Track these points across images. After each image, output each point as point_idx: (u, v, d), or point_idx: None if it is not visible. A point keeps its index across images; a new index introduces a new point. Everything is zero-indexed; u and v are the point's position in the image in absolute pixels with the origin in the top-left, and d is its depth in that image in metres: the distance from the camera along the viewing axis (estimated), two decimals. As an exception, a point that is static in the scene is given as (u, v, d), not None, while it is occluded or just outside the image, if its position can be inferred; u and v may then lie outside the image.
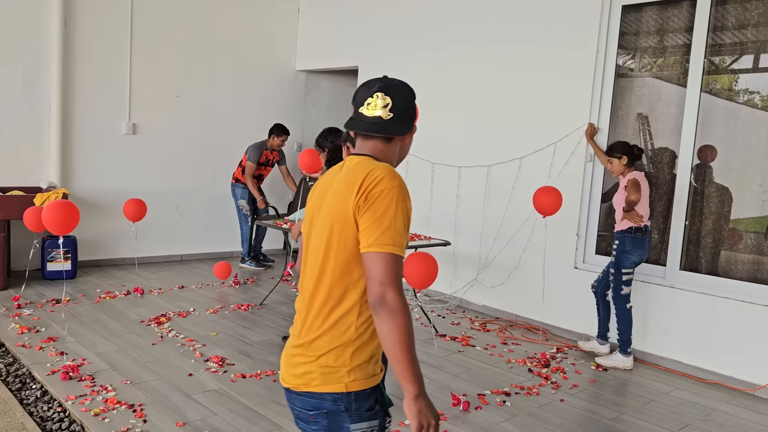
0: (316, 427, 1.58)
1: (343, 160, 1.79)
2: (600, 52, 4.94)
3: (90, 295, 5.48)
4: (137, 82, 6.65)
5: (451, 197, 5.98)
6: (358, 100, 1.69)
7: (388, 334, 1.45)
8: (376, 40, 6.79)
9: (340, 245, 1.56)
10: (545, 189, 4.59)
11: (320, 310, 1.58)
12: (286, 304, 5.59)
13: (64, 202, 3.98)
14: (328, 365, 1.56)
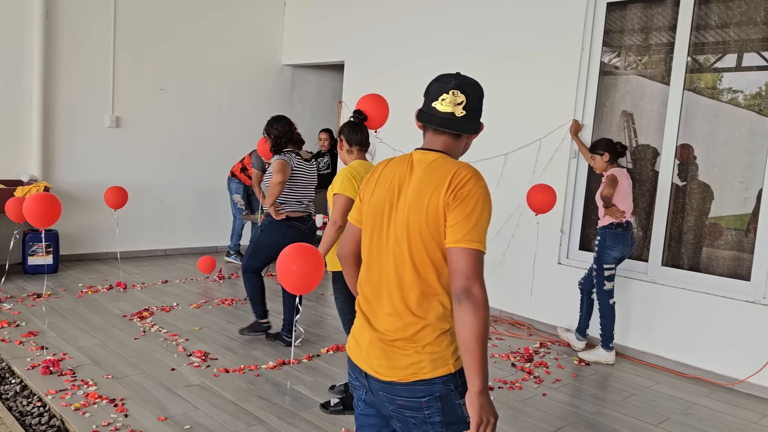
0: (429, 411, 1.64)
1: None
2: (585, 49, 4.96)
3: (71, 289, 5.42)
4: (121, 74, 6.58)
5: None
6: (431, 94, 1.74)
7: (468, 325, 1.52)
8: (362, 34, 6.78)
9: (430, 240, 1.62)
10: (540, 186, 4.60)
11: (422, 303, 1.64)
12: (270, 299, 5.56)
13: (46, 194, 3.93)
14: (435, 352, 1.63)
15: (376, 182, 1.76)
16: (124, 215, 6.46)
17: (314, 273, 2.83)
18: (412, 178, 1.68)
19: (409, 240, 1.64)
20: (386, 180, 1.73)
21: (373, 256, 1.73)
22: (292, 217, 4.24)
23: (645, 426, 3.51)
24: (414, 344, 1.63)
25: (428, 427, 1.65)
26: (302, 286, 2.85)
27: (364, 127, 3.43)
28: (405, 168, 1.71)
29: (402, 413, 1.67)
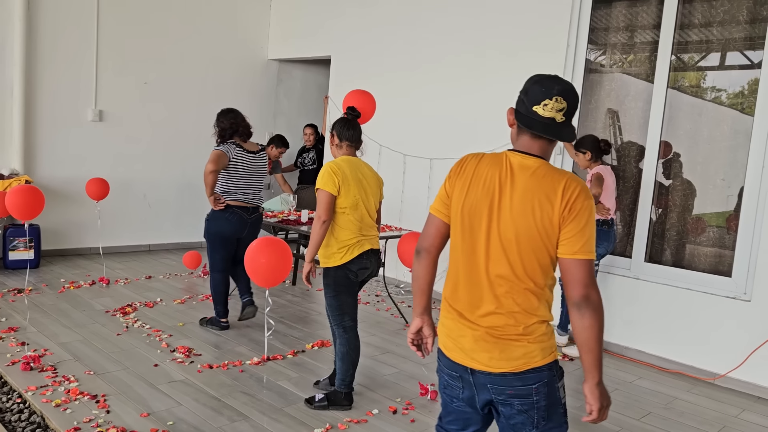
0: (537, 397, 1.77)
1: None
2: (570, 47, 4.98)
3: (53, 284, 5.36)
4: (104, 67, 6.50)
5: (422, 189, 5.99)
6: (532, 98, 1.75)
7: (589, 328, 1.69)
8: (349, 30, 6.75)
9: (541, 246, 1.71)
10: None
11: (532, 300, 1.75)
12: (254, 294, 5.53)
13: (28, 186, 3.88)
14: (543, 342, 1.77)
15: (470, 180, 1.79)
16: (107, 210, 6.40)
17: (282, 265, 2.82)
18: (516, 184, 1.73)
19: (518, 245, 1.72)
20: (482, 180, 1.77)
21: (468, 255, 1.78)
22: (233, 205, 4.31)
23: (627, 420, 3.54)
24: (527, 336, 1.75)
25: (533, 411, 1.78)
26: (270, 278, 2.84)
27: (357, 124, 3.40)
28: (504, 171, 1.76)
29: (510, 402, 1.78)
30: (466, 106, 5.66)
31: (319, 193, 3.18)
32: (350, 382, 3.36)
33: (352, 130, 3.35)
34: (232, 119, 4.35)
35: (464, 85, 5.67)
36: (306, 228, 4.89)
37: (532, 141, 1.78)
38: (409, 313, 5.34)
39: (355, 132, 3.36)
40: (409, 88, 6.09)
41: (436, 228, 1.87)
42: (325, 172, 3.18)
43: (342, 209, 3.19)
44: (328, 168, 3.19)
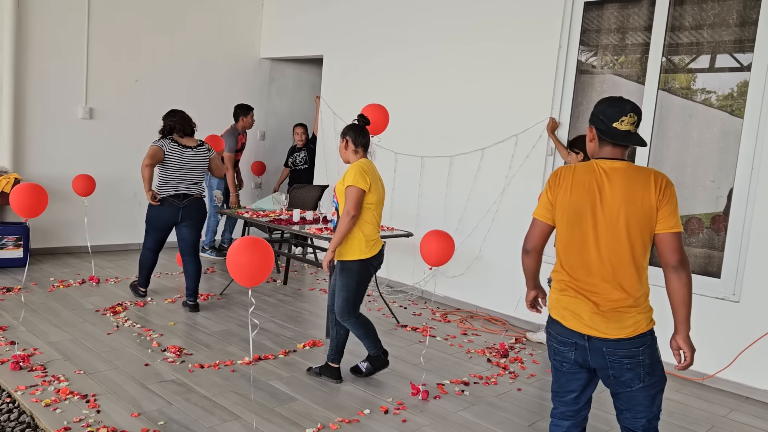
0: (643, 356, 2.22)
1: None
2: (562, 48, 5.00)
3: (43, 283, 5.32)
4: (95, 64, 6.46)
5: (413, 188, 6.00)
6: (611, 117, 2.21)
7: (686, 286, 2.19)
8: (341, 29, 6.75)
9: (645, 228, 2.17)
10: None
11: (639, 276, 2.21)
12: (245, 293, 5.53)
13: (33, 185, 3.96)
14: (647, 311, 2.25)
15: (570, 186, 2.23)
16: (97, 208, 6.36)
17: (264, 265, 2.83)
18: (614, 182, 2.18)
19: (628, 230, 2.16)
20: (581, 185, 2.22)
21: (575, 246, 2.23)
22: (167, 197, 4.82)
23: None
24: (636, 308, 2.21)
25: (639, 368, 2.22)
26: (253, 277, 2.85)
27: (367, 130, 3.67)
28: (599, 175, 2.20)
29: (621, 361, 2.21)
30: (457, 105, 5.67)
31: (350, 189, 3.43)
32: (381, 345, 3.75)
33: (365, 137, 3.64)
34: (172, 117, 4.91)
35: (456, 84, 5.69)
36: (297, 228, 4.88)
37: (614, 149, 2.23)
38: (400, 312, 5.34)
39: (366, 138, 3.66)
40: (400, 88, 6.10)
41: (540, 230, 2.34)
42: (357, 171, 3.45)
43: (369, 205, 3.49)
44: (359, 168, 3.47)
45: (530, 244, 2.37)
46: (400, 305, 5.58)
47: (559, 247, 2.30)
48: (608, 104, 2.24)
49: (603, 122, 2.23)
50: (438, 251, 3.67)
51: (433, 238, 3.68)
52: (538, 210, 2.35)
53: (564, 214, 2.24)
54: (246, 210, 5.44)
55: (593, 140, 2.28)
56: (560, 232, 2.28)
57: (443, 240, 3.68)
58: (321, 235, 4.57)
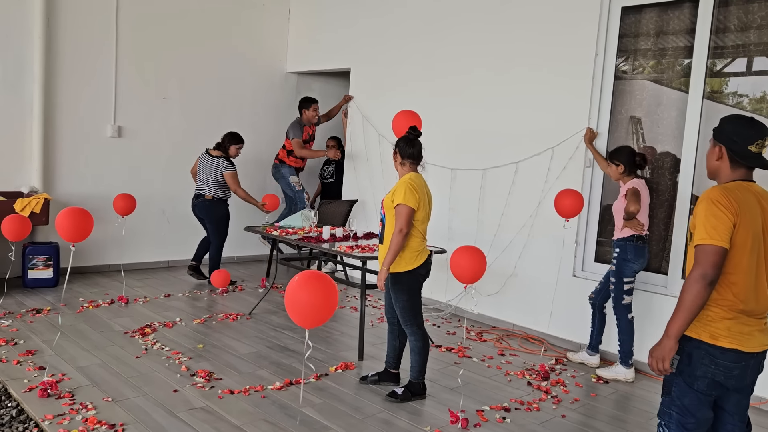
0: None
1: None
2: (599, 55, 4.81)
3: (72, 304, 5.28)
4: (123, 83, 6.46)
5: (443, 201, 5.83)
6: (746, 139, 2.22)
7: None
8: (368, 40, 6.65)
9: None
10: (566, 192, 4.45)
11: None
12: (276, 313, 5.42)
13: (79, 209, 3.98)
14: None
15: (748, 210, 2.18)
16: (125, 226, 6.32)
17: (327, 304, 2.63)
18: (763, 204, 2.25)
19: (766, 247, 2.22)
20: (749, 207, 2.19)
21: (752, 268, 2.20)
22: None
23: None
24: None
25: (757, 376, 2.31)
26: (311, 318, 2.65)
27: (418, 142, 3.68)
28: (758, 197, 2.24)
29: (756, 371, 2.29)
30: (489, 116, 5.51)
31: (401, 207, 3.49)
32: (425, 373, 3.74)
33: (413, 148, 3.65)
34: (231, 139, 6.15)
35: (488, 95, 5.52)
36: (327, 245, 4.75)
37: (748, 171, 2.28)
38: (434, 332, 5.17)
39: (416, 149, 3.67)
40: (429, 100, 5.96)
41: (723, 257, 2.16)
42: (407, 188, 3.50)
43: (416, 220, 3.55)
44: (408, 184, 3.52)
45: (714, 273, 2.14)
46: (433, 324, 5.40)
47: (737, 272, 2.20)
48: (743, 125, 2.24)
49: (736, 143, 2.22)
50: (470, 268, 3.50)
51: (464, 254, 3.50)
52: (722, 234, 2.14)
53: (747, 238, 2.18)
54: (274, 227, 5.34)
55: (721, 159, 2.28)
56: (738, 256, 2.19)
57: (474, 255, 3.50)
58: (352, 253, 4.43)
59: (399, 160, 3.67)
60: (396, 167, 3.72)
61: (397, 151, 3.67)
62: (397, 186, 3.55)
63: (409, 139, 3.66)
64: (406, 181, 3.55)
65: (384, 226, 3.65)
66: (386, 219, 3.62)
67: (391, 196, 3.56)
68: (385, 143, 6.39)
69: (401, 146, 3.65)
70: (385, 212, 3.62)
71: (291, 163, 6.92)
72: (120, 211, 5.38)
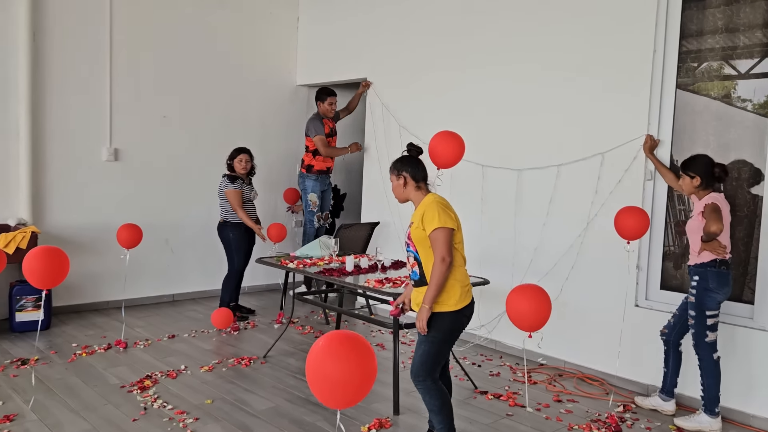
0: None
1: None
2: (657, 51, 4.19)
3: (64, 351, 4.66)
4: (119, 101, 5.90)
5: (474, 213, 5.20)
6: None
7: None
8: (387, 47, 6.06)
9: None
10: (629, 210, 3.83)
11: None
12: (294, 354, 4.78)
13: (50, 249, 3.43)
14: None
15: None
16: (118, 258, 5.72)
17: (363, 381, 2.00)
18: None
19: None
20: None
21: None
22: None
23: None
24: None
25: None
26: (344, 397, 2.00)
27: (421, 159, 3.16)
28: None
29: None
30: (526, 122, 4.89)
31: (439, 233, 2.88)
32: (453, 425, 3.05)
33: (424, 169, 3.10)
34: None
35: (519, 102, 4.91)
36: (351, 279, 4.13)
37: None
38: (474, 372, 4.51)
39: (424, 168, 3.11)
40: (458, 106, 5.36)
41: None
42: (438, 208, 2.92)
43: (456, 245, 2.97)
44: (438, 204, 2.96)
45: None
46: (472, 362, 4.75)
47: None
48: None
49: None
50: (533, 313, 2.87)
51: (525, 297, 2.87)
52: None
53: None
54: (290, 259, 4.72)
55: None
56: None
57: (537, 299, 2.87)
58: (382, 289, 3.79)
59: (413, 185, 3.06)
60: (405, 194, 3.09)
61: (407, 176, 3.06)
62: (425, 210, 2.94)
63: (416, 160, 3.11)
64: (432, 201, 2.97)
65: (420, 264, 2.97)
66: (421, 254, 2.96)
67: (420, 224, 2.93)
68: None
69: (412, 170, 3.06)
70: (417, 246, 2.97)
71: (319, 166, 6.34)
72: (125, 244, 4.79)
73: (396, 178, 3.08)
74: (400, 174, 3.07)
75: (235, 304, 5.78)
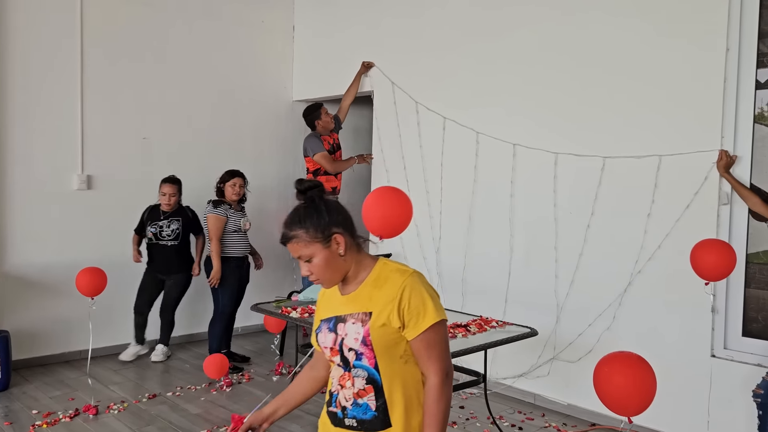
0: None
1: None
2: (731, 51, 3.51)
3: (21, 421, 3.88)
4: (92, 122, 5.18)
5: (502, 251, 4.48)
6: None
7: None
8: (393, 56, 5.37)
9: None
10: (710, 244, 3.11)
11: None
12: (299, 419, 4.00)
13: None
14: None
15: None
16: (100, 301, 4.93)
17: None
18: None
19: None
20: None
21: None
22: None
23: None
24: None
25: None
26: None
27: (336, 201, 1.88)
28: None
29: None
30: (558, 139, 4.20)
31: (437, 330, 1.69)
32: None
33: (342, 212, 1.78)
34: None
35: (552, 115, 4.22)
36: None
37: None
38: (518, 438, 3.75)
39: (346, 212, 1.80)
40: (484, 124, 4.66)
41: None
42: (425, 287, 1.72)
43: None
44: (420, 276, 1.74)
45: None
46: (511, 424, 3.99)
47: None
48: None
49: None
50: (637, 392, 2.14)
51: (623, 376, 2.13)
52: None
53: None
54: (293, 306, 3.96)
55: None
56: None
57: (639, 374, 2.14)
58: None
59: (354, 248, 1.77)
60: (343, 269, 1.75)
61: (341, 235, 1.73)
62: (401, 290, 1.68)
63: (333, 204, 1.77)
64: (406, 274, 1.72)
65: (381, 389, 1.70)
66: (384, 371, 1.70)
67: (396, 316, 1.67)
68: (433, 183, 5.06)
69: (345, 222, 1.75)
70: (379, 357, 1.70)
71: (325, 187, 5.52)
72: (85, 292, 3.98)
73: (324, 246, 1.69)
74: (330, 235, 1.70)
75: (227, 352, 5.01)
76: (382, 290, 1.71)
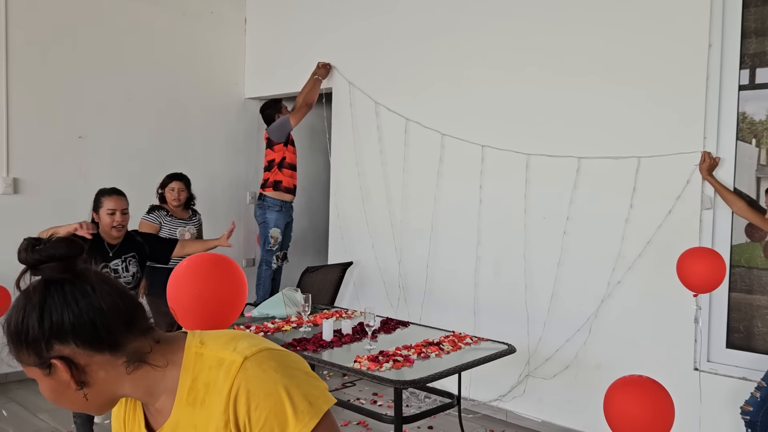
0: None
1: None
2: (714, 47, 3.33)
3: (-71, 461, 3.38)
4: (19, 119, 4.67)
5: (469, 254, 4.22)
6: None
7: None
8: (357, 52, 5.05)
9: None
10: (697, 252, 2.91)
11: None
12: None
13: None
14: None
15: None
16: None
17: None
18: None
19: None
20: None
21: None
22: None
23: None
24: None
25: None
26: None
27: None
28: None
29: None
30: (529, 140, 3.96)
31: None
32: None
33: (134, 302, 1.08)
34: None
35: (524, 114, 3.98)
36: (329, 353, 3.04)
37: None
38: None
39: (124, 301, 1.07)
40: (450, 125, 4.39)
41: None
42: (289, 377, 1.00)
43: None
44: (281, 369, 1.01)
45: None
46: (484, 446, 3.72)
47: None
48: None
49: None
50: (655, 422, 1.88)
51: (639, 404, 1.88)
52: None
53: None
54: (246, 323, 3.58)
55: None
56: None
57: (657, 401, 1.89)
58: (381, 373, 2.71)
59: (67, 374, 0.98)
60: (65, 396, 1.01)
61: (63, 363, 0.97)
62: (233, 402, 0.96)
63: (72, 294, 1.01)
64: (235, 370, 0.97)
65: None
66: None
67: (260, 422, 0.95)
68: (394, 190, 4.76)
69: (76, 327, 0.97)
70: None
71: (286, 182, 5.09)
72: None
73: (42, 373, 1.01)
74: (47, 360, 0.99)
75: None
76: (204, 408, 0.99)
